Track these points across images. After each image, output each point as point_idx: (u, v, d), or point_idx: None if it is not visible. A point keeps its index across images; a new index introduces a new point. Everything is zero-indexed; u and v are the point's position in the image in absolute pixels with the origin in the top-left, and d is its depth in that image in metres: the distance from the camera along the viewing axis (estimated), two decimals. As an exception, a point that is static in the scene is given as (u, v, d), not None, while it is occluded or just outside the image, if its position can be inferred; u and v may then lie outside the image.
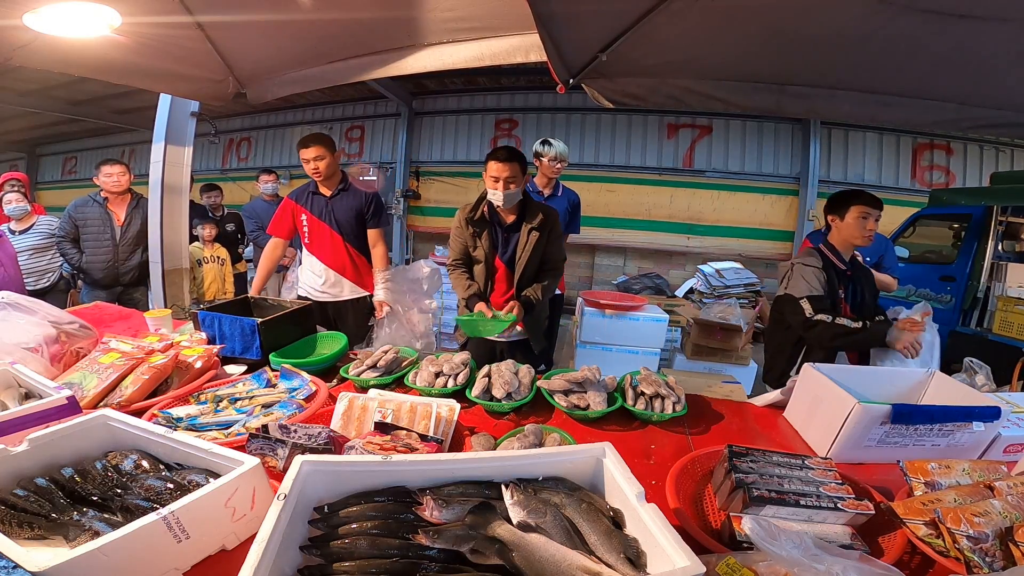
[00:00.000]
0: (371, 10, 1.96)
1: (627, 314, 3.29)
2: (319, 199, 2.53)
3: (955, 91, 1.85)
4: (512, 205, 2.00)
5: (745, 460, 0.99)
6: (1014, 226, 4.23)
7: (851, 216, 1.89)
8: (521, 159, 1.95)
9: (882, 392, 1.42)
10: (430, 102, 7.21)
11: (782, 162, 6.12)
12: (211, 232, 4.07)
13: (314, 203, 2.54)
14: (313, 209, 2.53)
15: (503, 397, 1.39)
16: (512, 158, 1.92)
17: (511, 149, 1.96)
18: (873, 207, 1.87)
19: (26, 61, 2.06)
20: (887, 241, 3.07)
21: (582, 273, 6.77)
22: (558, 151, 2.82)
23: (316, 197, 2.53)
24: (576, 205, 3.06)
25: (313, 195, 2.54)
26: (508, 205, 1.98)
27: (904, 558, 0.86)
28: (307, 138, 2.43)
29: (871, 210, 1.87)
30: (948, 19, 1.32)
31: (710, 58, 1.84)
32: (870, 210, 1.87)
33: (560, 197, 3.00)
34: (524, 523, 0.72)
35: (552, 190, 2.99)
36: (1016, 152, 5.58)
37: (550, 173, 2.89)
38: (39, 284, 3.65)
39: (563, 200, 2.99)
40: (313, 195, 2.54)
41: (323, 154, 2.40)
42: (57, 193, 9.73)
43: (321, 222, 2.53)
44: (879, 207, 1.89)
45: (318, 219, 2.53)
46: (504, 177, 1.91)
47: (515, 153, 1.95)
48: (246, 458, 0.87)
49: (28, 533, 0.79)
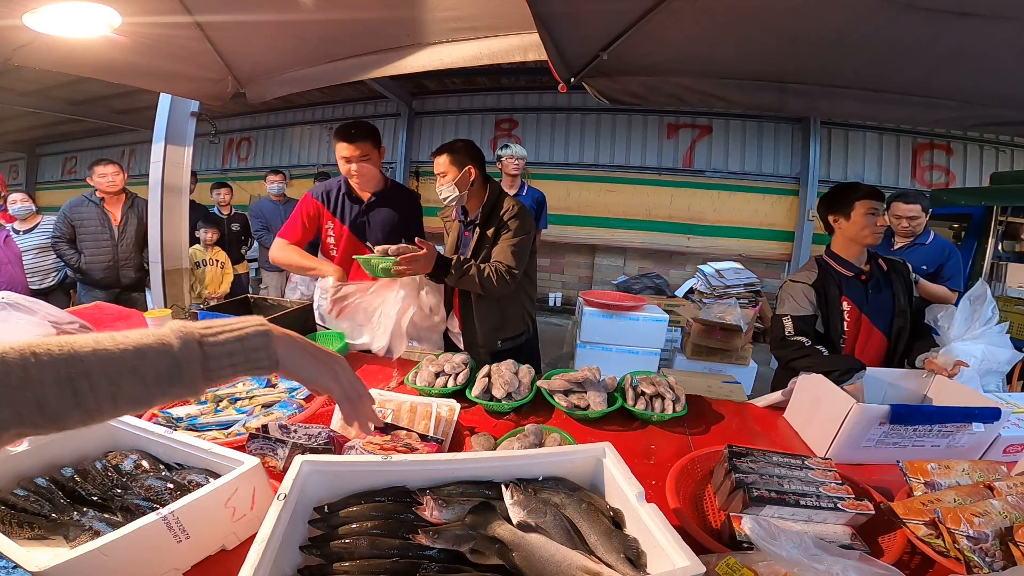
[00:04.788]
0: (371, 10, 1.95)
1: (627, 314, 3.29)
2: (353, 205, 2.02)
3: (958, 89, 1.83)
4: (455, 201, 1.82)
5: (745, 460, 0.99)
6: (1014, 226, 4.23)
7: (858, 213, 1.66)
8: (455, 150, 1.79)
9: (882, 392, 1.42)
10: (430, 102, 7.21)
11: (782, 162, 6.12)
12: (212, 236, 4.08)
13: (346, 209, 2.02)
14: (344, 217, 2.02)
15: (503, 397, 1.39)
16: (441, 151, 1.80)
17: (449, 144, 1.81)
18: (880, 200, 1.67)
19: (26, 61, 2.05)
20: (951, 248, 2.68)
21: (582, 273, 6.77)
22: (515, 152, 3.16)
23: (349, 202, 2.02)
24: (540, 203, 3.23)
25: (345, 198, 2.03)
26: (450, 200, 1.82)
27: (904, 558, 0.86)
28: (348, 128, 1.88)
29: (878, 204, 1.66)
30: (949, 17, 1.32)
31: (712, 56, 1.83)
32: (877, 204, 1.66)
33: (524, 196, 3.13)
34: (524, 523, 0.72)
35: (516, 190, 3.16)
36: (1016, 152, 5.58)
37: (511, 171, 3.17)
38: (43, 284, 3.66)
39: (527, 199, 3.18)
40: (345, 198, 2.03)
41: (369, 153, 1.90)
42: (57, 193, 9.72)
43: (353, 236, 2.02)
44: (883, 200, 1.71)
45: (350, 231, 2.02)
46: (438, 172, 1.81)
47: (446, 146, 1.81)
48: (246, 458, 0.87)
49: (28, 533, 0.79)
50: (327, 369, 0.64)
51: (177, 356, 0.53)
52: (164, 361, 0.52)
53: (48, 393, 0.46)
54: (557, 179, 6.44)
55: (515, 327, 1.96)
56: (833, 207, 1.75)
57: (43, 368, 0.46)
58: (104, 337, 0.51)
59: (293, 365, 0.60)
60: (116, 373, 0.50)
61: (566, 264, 6.76)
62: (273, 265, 4.60)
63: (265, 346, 0.58)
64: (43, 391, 0.46)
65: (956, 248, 2.72)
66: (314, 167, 7.50)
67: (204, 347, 0.55)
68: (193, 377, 0.54)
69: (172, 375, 0.52)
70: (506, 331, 1.94)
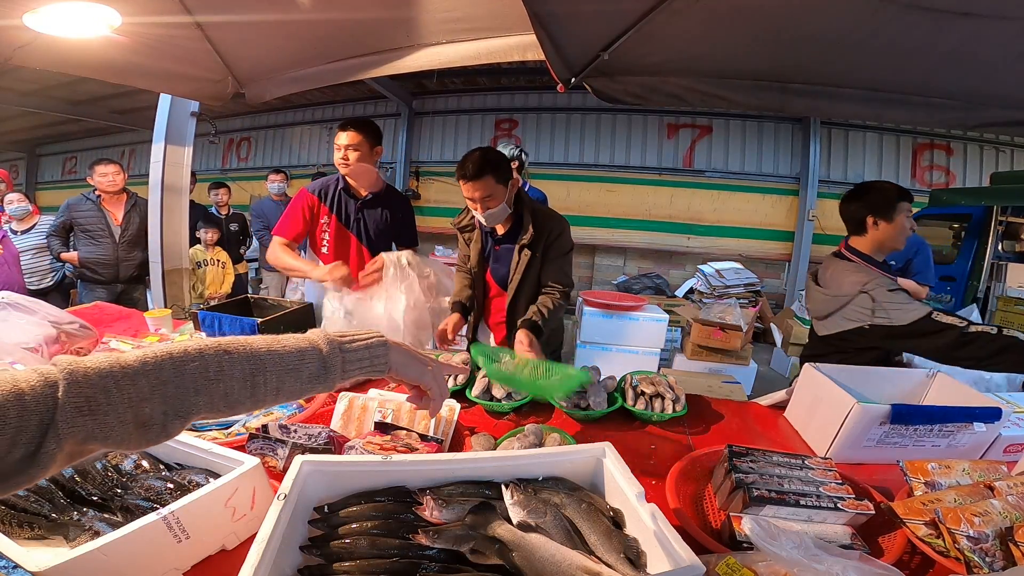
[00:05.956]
0: (370, 10, 1.96)
1: (627, 314, 3.29)
2: (348, 201, 2.03)
3: (958, 89, 1.82)
4: (502, 220, 1.72)
5: (745, 460, 0.99)
6: (1014, 226, 4.24)
7: (901, 216, 1.57)
8: (496, 168, 1.60)
9: (883, 392, 1.41)
10: (430, 102, 7.21)
11: (782, 162, 6.13)
12: (213, 236, 4.08)
13: (341, 204, 2.03)
14: (339, 212, 2.03)
15: (503, 397, 1.39)
16: (481, 174, 1.57)
17: (480, 161, 1.59)
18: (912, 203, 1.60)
19: (26, 61, 2.06)
20: (920, 243, 2.68)
21: (582, 273, 6.77)
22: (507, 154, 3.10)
23: (344, 198, 2.03)
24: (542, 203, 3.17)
25: (341, 194, 2.03)
26: (494, 224, 1.72)
27: (904, 558, 0.86)
28: (346, 121, 1.96)
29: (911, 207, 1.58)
30: (950, 17, 1.32)
31: (713, 56, 1.83)
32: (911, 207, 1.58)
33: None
34: (524, 523, 0.72)
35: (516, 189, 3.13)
36: (1016, 152, 5.59)
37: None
38: (42, 284, 3.66)
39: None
40: (341, 194, 2.03)
41: (359, 143, 1.91)
42: (57, 193, 9.72)
43: (347, 231, 2.03)
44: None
45: (344, 226, 2.03)
46: (477, 197, 1.60)
47: (485, 165, 1.58)
48: (246, 458, 0.87)
49: (28, 533, 0.79)
50: (428, 370, 0.74)
51: (326, 359, 0.63)
52: (316, 363, 0.62)
53: (234, 386, 0.55)
54: (557, 179, 6.45)
55: (557, 337, 2.01)
56: (877, 208, 1.60)
57: (233, 364, 0.56)
58: (271, 340, 0.61)
59: (403, 368, 0.71)
60: (283, 371, 0.59)
61: (566, 264, 6.77)
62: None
63: (384, 354, 0.68)
64: (231, 384, 0.55)
65: (925, 243, 2.75)
66: (314, 167, 7.50)
67: (344, 352, 0.64)
68: (334, 377, 0.64)
69: (320, 374, 0.62)
70: (551, 345, 1.92)
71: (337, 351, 0.63)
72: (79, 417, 0.45)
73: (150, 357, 0.51)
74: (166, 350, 0.53)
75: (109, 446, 0.49)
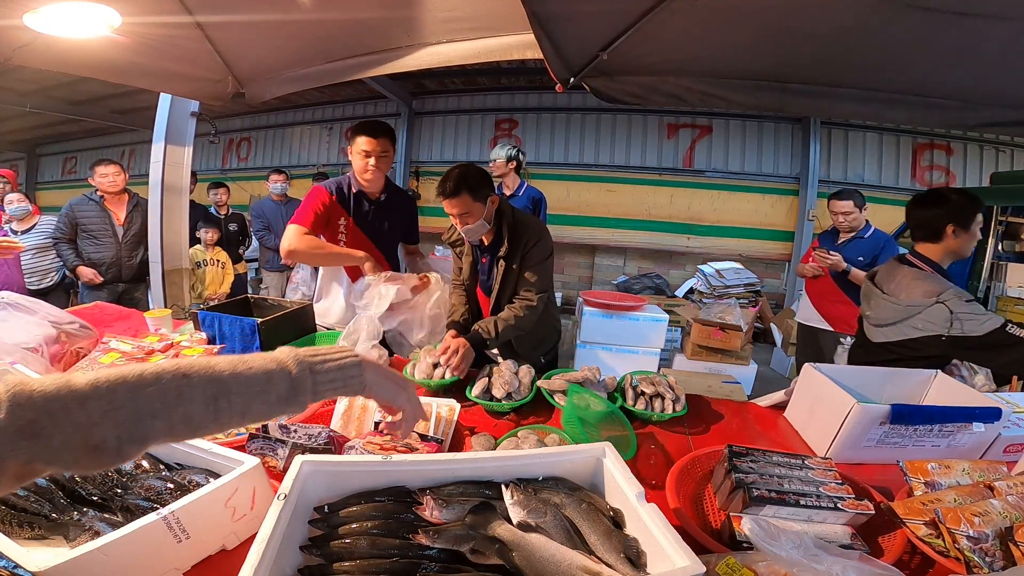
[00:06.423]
0: (370, 10, 1.96)
1: (627, 314, 3.29)
2: (363, 201, 2.02)
3: (958, 89, 1.82)
4: (481, 234, 1.74)
5: (745, 460, 0.99)
6: (1014, 226, 4.24)
7: (975, 226, 1.55)
8: (473, 187, 1.61)
9: (883, 393, 1.41)
10: (430, 102, 7.20)
11: (782, 162, 6.12)
12: (213, 236, 4.08)
13: (357, 205, 2.01)
14: (355, 213, 2.00)
15: (503, 397, 1.39)
16: (457, 192, 1.59)
17: (457, 179, 1.60)
18: None
19: (26, 61, 2.06)
20: (887, 240, 2.81)
21: (582, 273, 6.77)
22: (499, 156, 3.19)
23: (360, 198, 2.01)
24: (537, 202, 3.19)
25: (356, 195, 2.00)
26: (473, 238, 1.74)
27: (904, 558, 0.86)
28: (373, 124, 1.93)
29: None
30: (950, 17, 1.32)
31: (712, 56, 1.83)
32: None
33: (521, 196, 3.12)
34: (524, 523, 0.73)
35: (514, 189, 3.14)
36: (1016, 152, 5.58)
37: (499, 172, 3.17)
38: (42, 284, 3.66)
39: (524, 199, 3.14)
40: (356, 195, 2.00)
41: (388, 150, 1.93)
42: (57, 193, 9.72)
43: (362, 233, 2.02)
44: None
45: (358, 227, 2.01)
46: (456, 214, 1.64)
47: (462, 184, 1.60)
48: (246, 458, 0.87)
49: (28, 533, 0.79)
50: (403, 392, 0.73)
51: (295, 381, 0.61)
52: (284, 385, 0.60)
53: (196, 409, 0.54)
54: (557, 179, 6.44)
55: (549, 338, 2.01)
56: (960, 217, 1.56)
57: (194, 388, 0.54)
58: (236, 360, 0.59)
59: (378, 388, 0.69)
60: (249, 394, 0.57)
61: (566, 264, 6.76)
62: (274, 265, 4.61)
63: (358, 374, 0.67)
64: (192, 408, 0.54)
65: (892, 240, 2.84)
66: (314, 167, 7.49)
67: (314, 374, 0.63)
68: (304, 399, 0.62)
69: (289, 396, 0.61)
70: (544, 346, 1.99)
71: (307, 372, 0.62)
72: (21, 440, 0.44)
73: (102, 381, 0.50)
74: (121, 374, 0.51)
75: (58, 469, 0.48)
